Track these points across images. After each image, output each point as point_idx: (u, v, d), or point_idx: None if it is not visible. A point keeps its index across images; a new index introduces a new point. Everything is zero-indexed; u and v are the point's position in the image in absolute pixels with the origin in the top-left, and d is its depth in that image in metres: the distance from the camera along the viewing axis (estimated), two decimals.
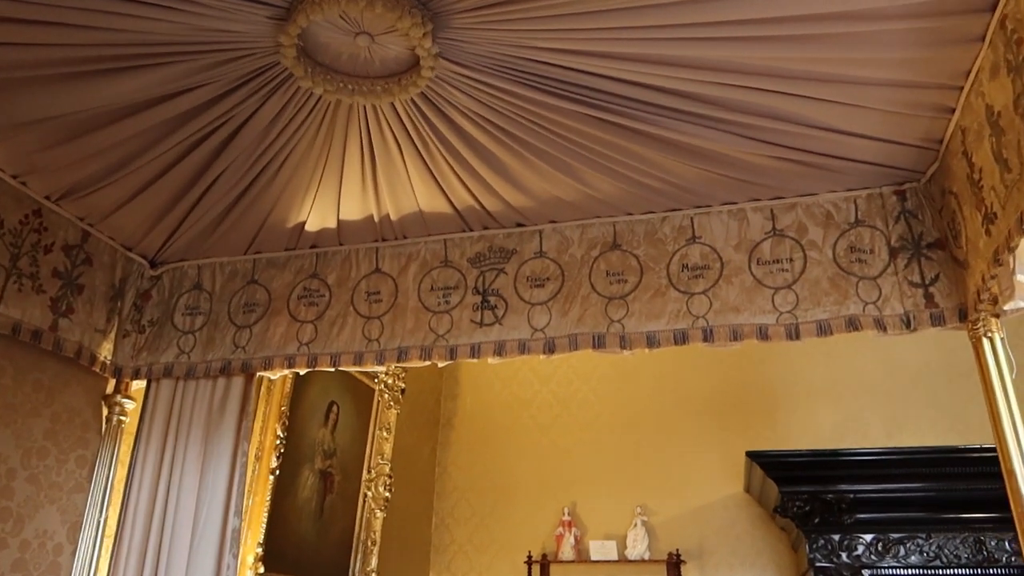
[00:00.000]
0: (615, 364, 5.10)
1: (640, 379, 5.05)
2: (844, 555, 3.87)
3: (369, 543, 4.29)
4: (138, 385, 3.13)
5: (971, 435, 4.25)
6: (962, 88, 2.17)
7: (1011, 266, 2.08)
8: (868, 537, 3.88)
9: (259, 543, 3.45)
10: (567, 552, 4.73)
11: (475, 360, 2.86)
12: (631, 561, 4.61)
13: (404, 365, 3.06)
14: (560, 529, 4.80)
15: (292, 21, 2.11)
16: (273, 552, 3.52)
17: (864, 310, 2.50)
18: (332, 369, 3.01)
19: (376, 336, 2.93)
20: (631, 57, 2.19)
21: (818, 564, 3.87)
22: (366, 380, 4.43)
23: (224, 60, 2.26)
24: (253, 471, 3.47)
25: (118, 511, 2.96)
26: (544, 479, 5.04)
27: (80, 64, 2.22)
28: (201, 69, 2.28)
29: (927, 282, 2.48)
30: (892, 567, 3.82)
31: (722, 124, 2.38)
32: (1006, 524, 3.13)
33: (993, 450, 2.22)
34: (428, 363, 2.90)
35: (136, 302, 3.19)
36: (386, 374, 4.56)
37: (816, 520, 3.92)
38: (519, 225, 2.96)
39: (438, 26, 2.16)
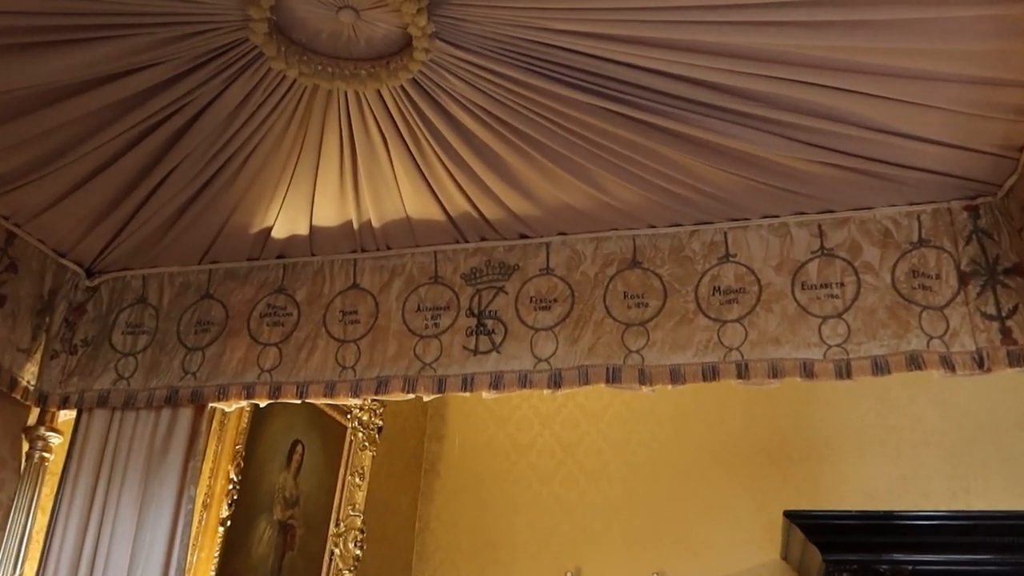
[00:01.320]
0: (630, 403, 5.07)
1: (660, 421, 5.03)
2: None
3: None
4: (66, 416, 3.10)
5: None
6: None
7: None
8: None
9: None
10: None
11: (467, 394, 2.84)
12: None
13: (383, 398, 3.04)
14: None
15: None
16: None
17: (928, 345, 2.49)
18: (298, 401, 2.99)
19: (351, 363, 2.92)
20: (659, 43, 2.19)
21: None
22: (337, 416, 4.40)
23: (183, 35, 2.26)
24: (200, 521, 3.44)
25: (36, 567, 2.91)
26: (544, 538, 4.99)
27: (10, 35, 2.20)
28: (155, 44, 2.28)
29: (1004, 314, 2.47)
30: None
31: (764, 124, 2.39)
32: None
33: None
34: (412, 396, 2.88)
35: (68, 317, 3.18)
36: (361, 409, 4.53)
37: None
38: (523, 237, 2.96)
39: (435, 1, 2.17)
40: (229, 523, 3.57)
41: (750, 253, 2.74)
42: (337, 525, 4.35)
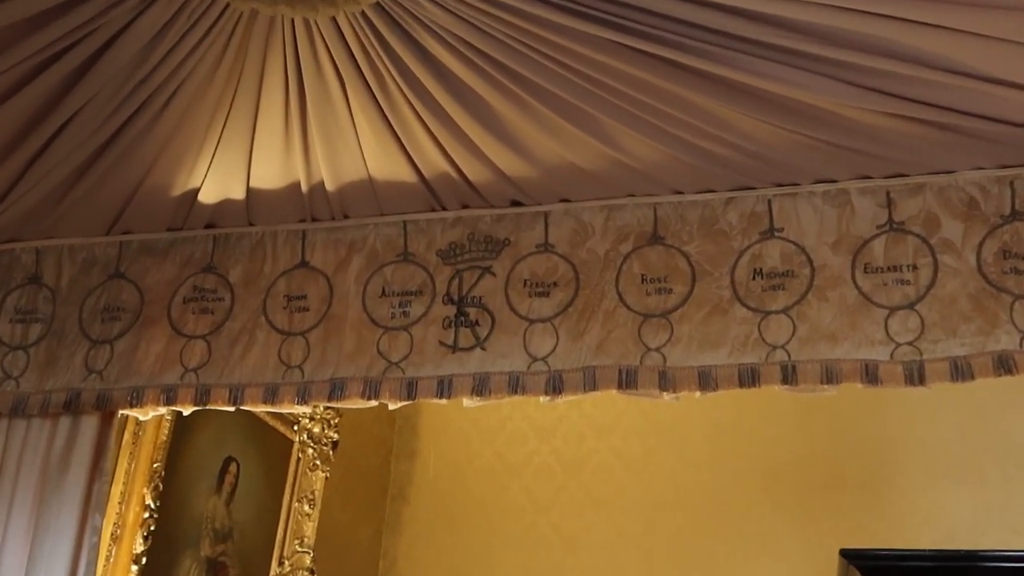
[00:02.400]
0: (649, 414, 5.09)
1: (686, 437, 5.05)
2: None
3: None
4: None
5: None
6: None
7: None
8: None
9: None
10: None
11: (443, 401, 2.86)
12: None
13: (339, 406, 3.06)
14: None
15: None
16: None
17: (1021, 344, 2.51)
18: (232, 409, 3.01)
19: (299, 361, 2.93)
20: None
21: None
22: (281, 428, 4.41)
23: None
24: (108, 558, 3.45)
25: None
26: None
27: None
28: None
29: None
30: None
31: (819, 64, 2.39)
32: None
33: None
34: (374, 404, 2.90)
35: None
36: (311, 420, 4.54)
37: None
38: (515, 204, 2.97)
39: None
40: (144, 560, 3.57)
41: (800, 227, 2.75)
42: (281, 564, 4.36)
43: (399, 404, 2.89)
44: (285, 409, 3.07)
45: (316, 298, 3.00)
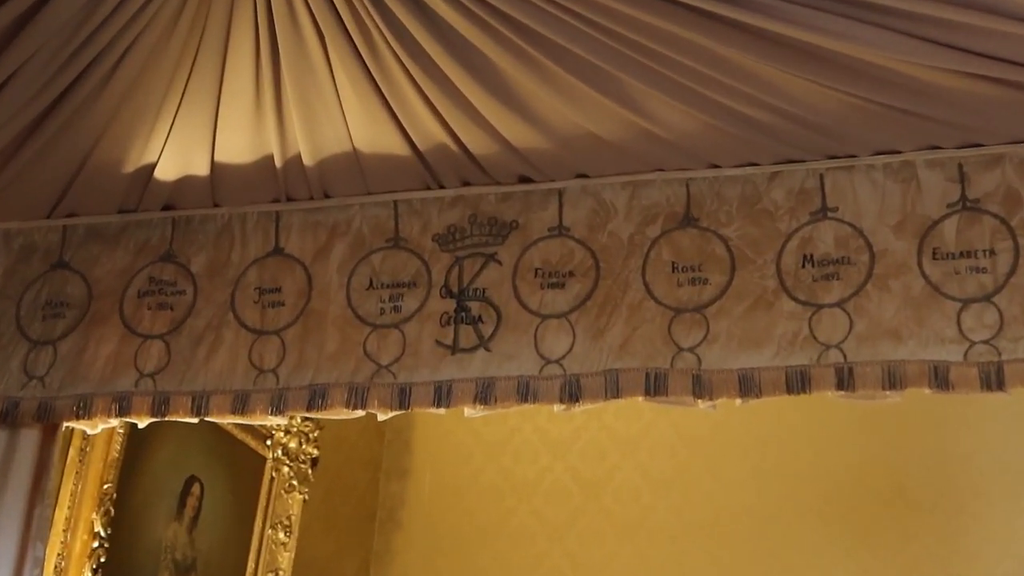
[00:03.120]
0: (680, 425, 5.10)
1: (723, 451, 5.05)
2: None
3: None
4: None
5: None
6: None
7: None
8: None
9: None
10: None
11: (441, 411, 2.87)
12: None
13: (320, 416, 3.06)
14: None
15: None
16: None
17: None
18: (195, 420, 3.02)
19: (273, 365, 2.94)
20: None
21: None
22: (252, 442, 4.43)
23: None
24: None
25: None
26: None
27: None
28: None
29: None
30: None
31: (881, 16, 2.38)
32: None
33: None
34: (361, 414, 2.91)
35: None
36: (286, 433, 4.56)
37: None
38: (524, 180, 2.97)
39: None
40: None
41: (858, 206, 2.75)
42: None
43: (390, 414, 2.89)
44: (257, 421, 3.08)
45: (292, 291, 3.01)
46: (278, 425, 4.44)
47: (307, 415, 3.04)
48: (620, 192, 2.91)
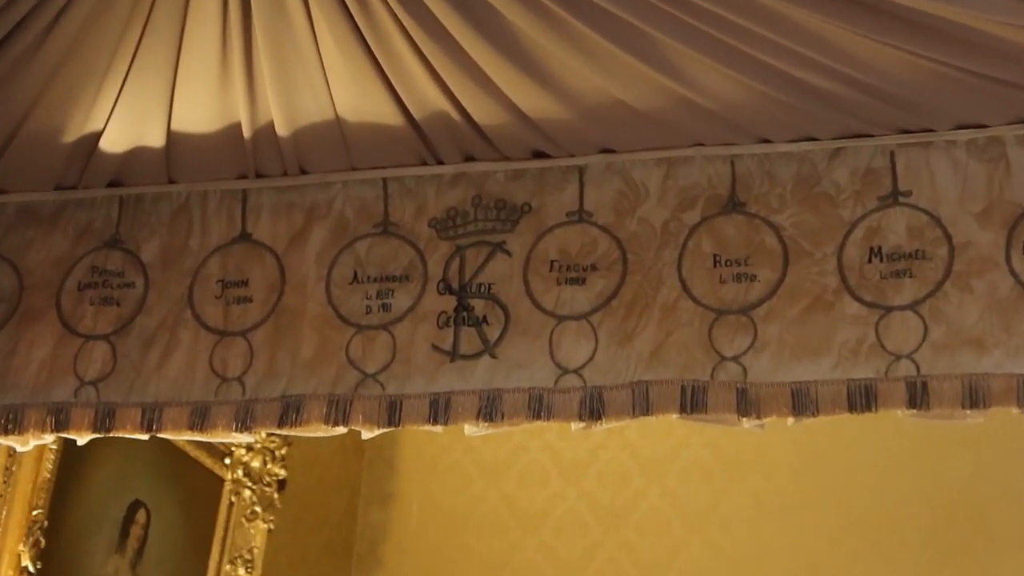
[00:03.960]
0: (718, 445, 5.10)
1: (770, 479, 5.05)
2: None
3: None
4: None
5: None
6: None
7: None
8: None
9: None
10: None
11: (438, 428, 2.89)
12: None
13: (291, 433, 3.07)
14: None
15: None
16: None
17: None
18: (144, 436, 3.03)
19: (238, 372, 2.96)
20: None
21: None
22: (208, 461, 4.45)
23: None
24: None
25: None
26: None
27: None
28: None
29: None
30: None
31: None
32: None
33: None
34: (342, 431, 2.93)
35: None
36: (249, 451, 4.59)
37: None
38: (539, 155, 2.98)
39: None
40: None
41: (935, 190, 2.76)
42: None
43: (376, 431, 2.91)
44: (219, 438, 3.10)
45: (262, 284, 3.02)
46: (240, 443, 4.44)
47: (276, 432, 3.02)
48: (653, 170, 2.92)
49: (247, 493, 4.58)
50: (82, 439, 3.12)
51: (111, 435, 3.03)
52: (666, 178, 2.91)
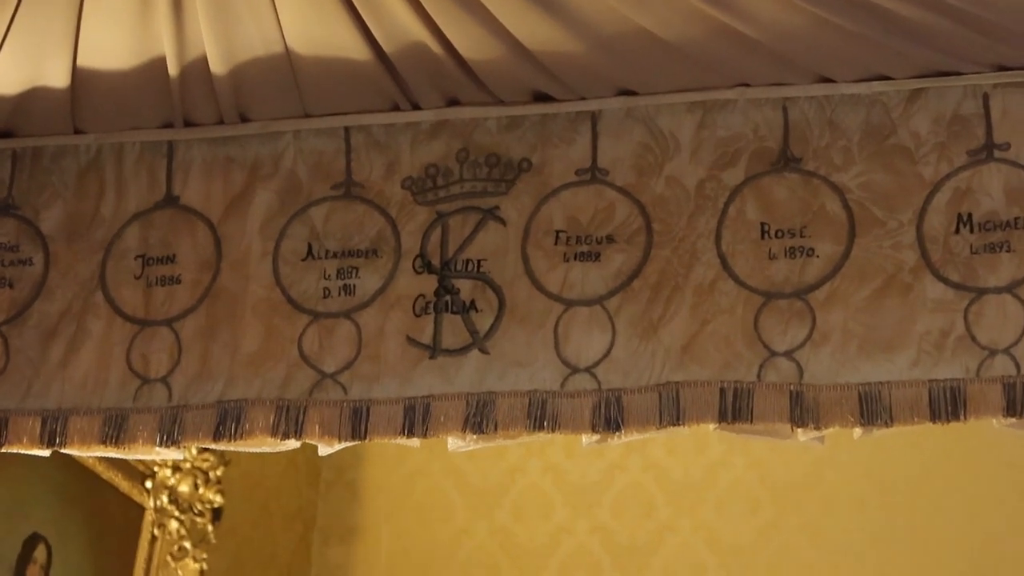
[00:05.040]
0: (766, 465, 5.12)
1: (832, 508, 5.08)
2: None
3: None
4: None
5: None
6: None
7: None
8: None
9: None
10: None
11: (414, 442, 2.90)
12: None
13: (231, 448, 3.07)
14: None
15: None
16: None
17: None
18: (44, 452, 3.04)
19: (163, 371, 2.97)
20: None
21: None
22: (124, 484, 4.47)
23: None
24: None
25: None
26: None
27: None
28: None
29: None
30: None
31: None
32: None
33: None
34: (294, 446, 2.94)
35: None
36: (176, 471, 4.61)
37: None
38: (541, 99, 3.00)
39: None
40: None
41: None
42: None
43: (337, 446, 2.91)
44: (138, 454, 3.11)
45: (192, 261, 3.04)
46: (164, 460, 4.46)
47: (210, 447, 3.02)
48: (684, 117, 2.92)
49: (174, 525, 4.60)
50: None
51: (2, 451, 3.04)
52: (701, 127, 2.92)
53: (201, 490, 4.66)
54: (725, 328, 2.78)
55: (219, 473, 4.70)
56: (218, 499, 4.71)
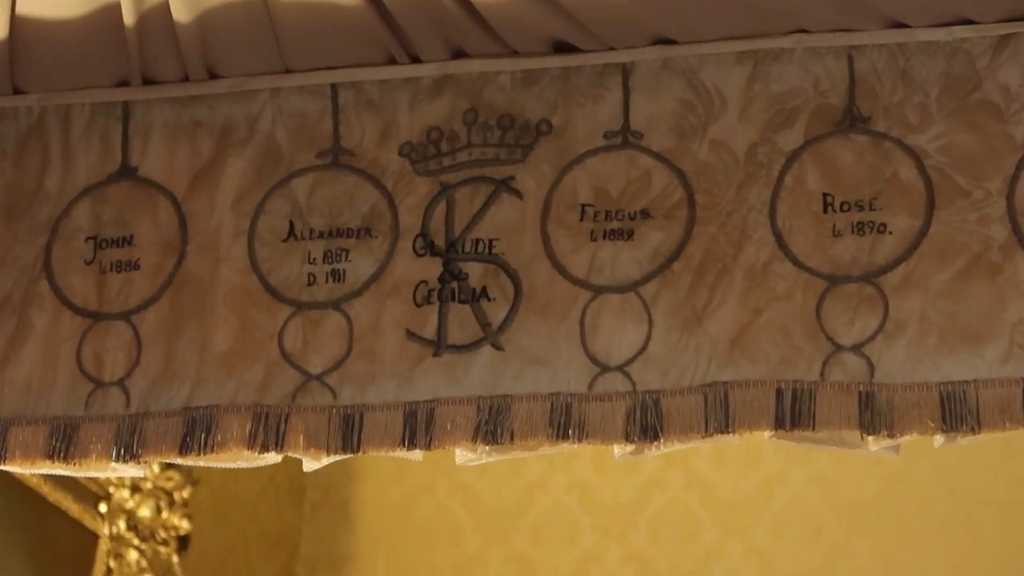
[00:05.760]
0: (833, 480, 5.15)
1: (905, 531, 5.10)
2: None
3: None
4: None
5: None
6: None
7: None
8: None
9: None
10: None
11: (416, 454, 2.90)
12: None
13: (201, 463, 3.07)
14: None
15: None
16: None
17: None
18: None
19: (120, 373, 2.98)
20: None
21: None
22: (74, 507, 4.50)
23: None
24: None
25: None
26: None
27: None
28: None
29: None
30: None
31: None
32: None
33: None
34: (275, 459, 2.95)
35: None
36: (134, 491, 4.63)
37: None
38: (563, 49, 3.00)
39: None
40: None
41: None
42: None
43: (325, 460, 2.92)
44: (91, 471, 3.12)
45: (153, 243, 3.05)
46: (121, 478, 4.48)
47: (175, 462, 3.02)
48: (732, 70, 2.92)
49: (133, 555, 4.62)
50: None
51: None
52: (752, 81, 2.92)
53: (164, 514, 4.68)
54: (782, 318, 2.77)
55: (186, 494, 4.72)
56: (184, 525, 4.73)
